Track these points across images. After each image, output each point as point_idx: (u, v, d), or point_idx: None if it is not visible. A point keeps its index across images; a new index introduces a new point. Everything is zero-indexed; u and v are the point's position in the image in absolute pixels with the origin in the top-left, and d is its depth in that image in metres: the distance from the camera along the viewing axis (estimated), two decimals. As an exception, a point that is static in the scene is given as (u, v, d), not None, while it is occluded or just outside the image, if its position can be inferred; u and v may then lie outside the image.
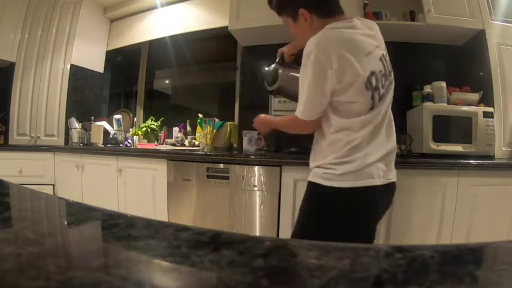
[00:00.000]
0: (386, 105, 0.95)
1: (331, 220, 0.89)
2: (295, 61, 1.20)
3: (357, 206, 0.90)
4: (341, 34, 0.87)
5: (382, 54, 0.94)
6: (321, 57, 0.84)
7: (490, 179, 1.39)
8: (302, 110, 0.93)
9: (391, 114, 0.99)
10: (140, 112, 2.94)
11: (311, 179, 0.97)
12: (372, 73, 0.88)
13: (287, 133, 1.15)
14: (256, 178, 1.53)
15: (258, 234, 1.56)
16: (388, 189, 0.96)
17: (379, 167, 0.90)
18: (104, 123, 2.54)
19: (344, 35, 0.87)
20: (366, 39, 0.90)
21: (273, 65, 1.21)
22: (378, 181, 0.89)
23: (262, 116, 1.26)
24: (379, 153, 0.91)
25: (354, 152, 0.88)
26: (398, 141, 1.82)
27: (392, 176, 0.97)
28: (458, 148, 1.60)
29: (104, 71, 2.93)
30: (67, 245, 0.33)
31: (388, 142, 0.95)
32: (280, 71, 1.17)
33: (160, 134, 2.52)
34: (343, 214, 0.89)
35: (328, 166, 0.91)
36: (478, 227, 1.37)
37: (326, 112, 0.93)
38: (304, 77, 0.89)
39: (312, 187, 0.96)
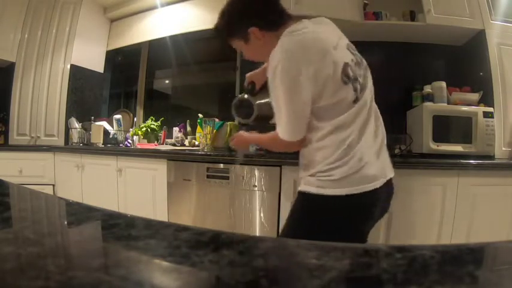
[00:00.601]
0: (369, 96, 0.90)
1: (326, 231, 0.76)
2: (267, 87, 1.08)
3: (353, 213, 0.85)
4: (304, 35, 0.82)
5: (347, 44, 0.89)
6: (288, 65, 0.78)
7: (490, 179, 1.39)
8: (286, 131, 0.86)
9: (376, 107, 0.95)
10: (140, 112, 2.94)
11: (303, 188, 0.89)
12: (346, 64, 0.82)
13: None
14: (256, 178, 1.53)
15: (258, 234, 1.56)
16: (387, 189, 0.90)
17: (374, 165, 0.85)
18: (104, 123, 2.53)
19: (306, 35, 0.82)
20: (327, 34, 0.86)
21: (244, 96, 1.10)
22: (376, 184, 0.83)
23: (241, 134, 1.15)
24: (372, 150, 0.86)
25: (347, 152, 0.82)
26: (399, 141, 1.82)
27: (389, 171, 0.91)
28: (458, 148, 1.60)
29: (104, 71, 2.93)
30: (67, 245, 0.33)
31: (377, 136, 0.90)
32: (255, 102, 1.07)
33: (160, 134, 2.51)
34: (339, 223, 0.83)
35: (322, 173, 0.84)
36: (478, 227, 1.37)
37: (310, 120, 0.85)
38: (277, 97, 0.82)
39: (305, 197, 0.88)
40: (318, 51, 0.80)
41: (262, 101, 1.07)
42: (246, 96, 1.10)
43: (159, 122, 2.56)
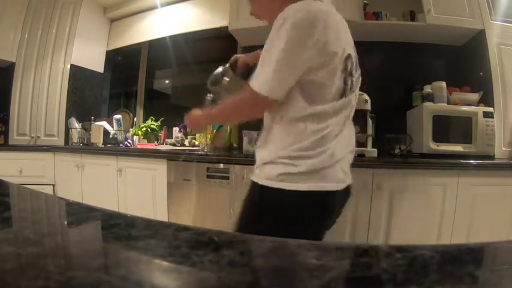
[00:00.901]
0: (354, 101, 0.84)
1: (280, 230, 0.65)
2: (248, 73, 0.92)
3: (314, 214, 0.76)
4: (327, 8, 0.75)
5: (353, 44, 0.84)
6: (302, 23, 0.69)
7: (490, 179, 1.39)
8: (266, 82, 0.72)
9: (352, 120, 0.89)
10: (140, 112, 2.94)
11: (257, 179, 0.78)
12: (349, 56, 0.77)
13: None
14: (256, 178, 1.53)
15: (258, 234, 1.55)
16: (346, 193, 0.83)
17: (343, 168, 0.78)
18: (104, 123, 2.54)
19: (330, 9, 0.75)
20: (343, 21, 0.80)
21: (220, 68, 1.02)
22: (340, 185, 0.77)
23: (193, 113, 0.97)
24: (344, 150, 0.80)
25: (321, 144, 0.73)
26: (399, 141, 1.82)
27: (349, 179, 0.84)
28: (458, 148, 1.60)
29: (104, 71, 2.93)
30: (67, 245, 0.33)
31: (348, 146, 0.83)
32: (226, 78, 0.99)
33: (160, 134, 2.52)
34: (297, 223, 0.73)
35: (286, 161, 0.74)
36: (478, 227, 1.37)
37: (291, 92, 0.74)
38: (273, 46, 0.71)
39: (259, 190, 0.77)
40: (336, 28, 0.74)
41: (234, 82, 0.98)
42: (227, 69, 1.01)
43: (159, 122, 2.56)
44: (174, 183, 1.74)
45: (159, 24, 2.63)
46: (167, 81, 3.05)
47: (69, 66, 2.53)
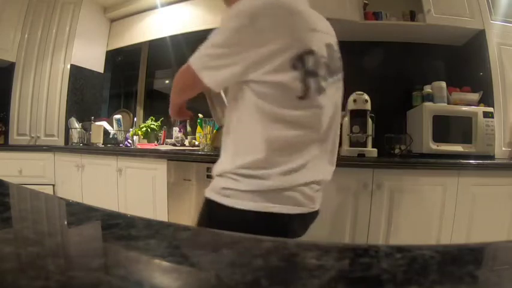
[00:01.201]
0: (333, 115, 0.73)
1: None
2: None
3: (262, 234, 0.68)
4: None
5: (330, 43, 0.73)
6: (253, 10, 0.63)
7: (490, 179, 1.39)
8: (200, 57, 0.68)
9: (338, 135, 0.78)
10: (140, 112, 2.94)
11: (208, 194, 0.71)
12: (310, 52, 0.65)
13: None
14: (256, 178, 1.53)
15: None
16: (310, 218, 0.75)
17: (305, 193, 0.68)
18: (104, 123, 2.54)
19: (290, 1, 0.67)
20: (314, 18, 0.71)
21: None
22: (298, 209, 0.67)
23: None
24: (313, 174, 0.68)
25: (275, 160, 0.65)
26: (399, 141, 1.82)
27: (318, 204, 0.75)
28: (458, 148, 1.60)
29: (104, 71, 2.93)
30: (67, 245, 0.33)
31: (328, 167, 0.74)
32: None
33: (160, 134, 2.51)
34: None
35: (237, 171, 0.66)
36: (478, 227, 1.37)
37: (245, 94, 0.67)
38: (221, 28, 0.67)
39: (208, 206, 0.71)
40: (293, 21, 0.65)
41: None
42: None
43: (159, 122, 2.56)
44: (174, 183, 1.74)
45: (159, 24, 2.63)
46: (167, 81, 3.05)
47: (69, 66, 2.53)
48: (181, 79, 0.76)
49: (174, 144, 2.39)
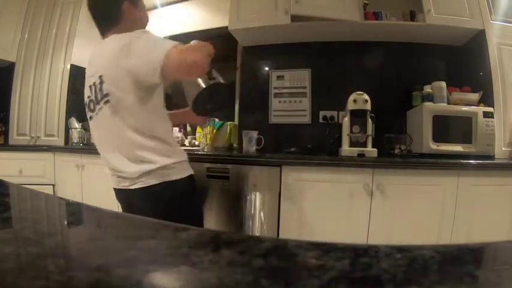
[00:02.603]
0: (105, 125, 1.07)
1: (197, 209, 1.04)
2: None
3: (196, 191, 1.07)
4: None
5: (94, 83, 1.04)
6: None
7: (490, 179, 1.39)
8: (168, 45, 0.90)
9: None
10: (140, 112, 2.93)
11: (166, 178, 1.02)
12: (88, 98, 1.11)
13: (286, 133, 1.12)
14: (256, 178, 1.53)
15: (258, 234, 1.55)
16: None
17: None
18: (104, 123, 2.53)
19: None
20: (107, 48, 1.02)
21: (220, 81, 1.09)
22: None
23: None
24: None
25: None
26: (399, 141, 1.81)
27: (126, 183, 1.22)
28: (458, 148, 1.60)
29: (104, 71, 2.93)
30: (67, 245, 0.33)
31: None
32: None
33: (160, 134, 2.51)
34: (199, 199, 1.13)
35: (178, 155, 1.06)
36: (478, 227, 1.37)
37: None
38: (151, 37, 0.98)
39: (174, 186, 1.03)
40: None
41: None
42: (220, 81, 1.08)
43: (159, 122, 2.55)
44: (174, 183, 1.74)
45: (159, 24, 2.63)
46: (167, 81, 3.05)
47: (69, 66, 2.53)
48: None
49: (174, 144, 2.38)
